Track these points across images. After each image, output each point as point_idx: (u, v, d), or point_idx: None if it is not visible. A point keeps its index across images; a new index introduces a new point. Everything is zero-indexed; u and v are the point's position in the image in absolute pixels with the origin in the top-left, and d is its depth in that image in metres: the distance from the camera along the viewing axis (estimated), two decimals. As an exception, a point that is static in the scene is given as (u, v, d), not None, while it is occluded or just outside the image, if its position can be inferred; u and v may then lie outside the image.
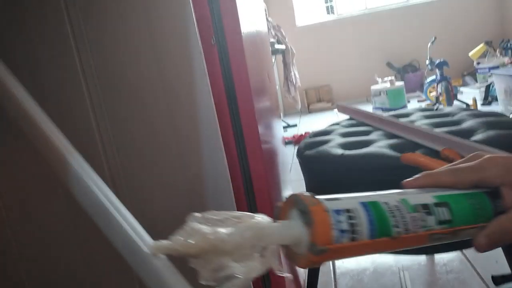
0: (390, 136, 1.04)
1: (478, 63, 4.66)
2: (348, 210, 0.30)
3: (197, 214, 0.31)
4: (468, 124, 1.01)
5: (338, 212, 0.30)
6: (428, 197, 0.35)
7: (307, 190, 1.13)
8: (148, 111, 0.78)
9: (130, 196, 0.79)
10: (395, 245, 0.32)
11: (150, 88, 0.77)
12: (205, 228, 0.29)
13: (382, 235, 0.31)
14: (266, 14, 3.66)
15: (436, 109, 1.25)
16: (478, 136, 0.91)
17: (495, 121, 0.98)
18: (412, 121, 1.14)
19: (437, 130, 0.98)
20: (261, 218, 0.31)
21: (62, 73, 0.76)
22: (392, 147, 0.95)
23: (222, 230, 0.29)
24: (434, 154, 0.86)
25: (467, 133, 0.94)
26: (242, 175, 0.88)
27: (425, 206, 0.33)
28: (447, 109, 1.22)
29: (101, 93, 0.76)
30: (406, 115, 1.24)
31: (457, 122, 1.06)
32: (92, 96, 0.76)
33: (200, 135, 0.78)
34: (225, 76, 0.83)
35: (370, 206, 0.31)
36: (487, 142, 0.86)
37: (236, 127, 0.87)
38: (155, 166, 0.79)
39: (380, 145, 0.96)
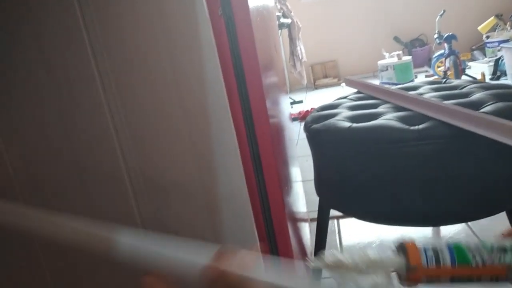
0: (398, 108, 1.03)
1: (488, 37, 4.58)
2: (434, 246, 0.43)
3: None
4: (477, 96, 1.01)
5: (427, 246, 0.43)
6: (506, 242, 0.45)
7: (314, 164, 1.14)
8: (156, 84, 0.77)
9: (144, 178, 0.81)
10: (474, 271, 0.42)
11: (157, 58, 0.77)
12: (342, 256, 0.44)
13: (461, 263, 0.42)
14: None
15: (445, 82, 1.24)
16: (487, 108, 0.90)
17: (504, 93, 0.98)
18: (421, 94, 1.13)
19: (446, 102, 0.97)
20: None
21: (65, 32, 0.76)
22: (400, 119, 0.95)
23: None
24: (443, 125, 0.86)
25: (476, 105, 0.93)
26: (251, 152, 0.88)
27: (502, 247, 0.43)
28: (456, 82, 1.21)
29: (108, 60, 0.76)
30: (414, 88, 1.23)
31: (466, 95, 1.05)
32: (98, 62, 0.76)
33: (209, 112, 0.78)
34: (232, 47, 0.82)
35: (452, 245, 0.44)
36: (496, 113, 0.86)
37: (244, 102, 0.86)
38: (160, 129, 0.80)
39: (388, 118, 0.96)
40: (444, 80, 1.26)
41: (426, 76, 4.70)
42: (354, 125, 0.96)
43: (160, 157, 0.81)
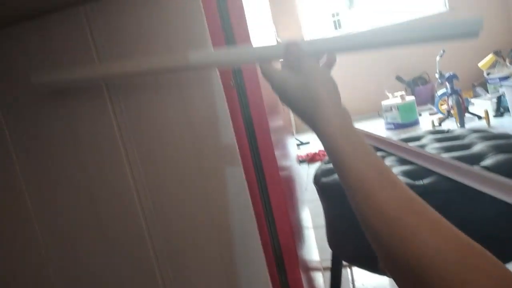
0: (402, 162, 1.08)
1: (488, 74, 4.67)
2: None
3: None
4: (478, 147, 1.05)
5: None
6: None
7: (325, 216, 1.18)
8: (175, 150, 0.83)
9: (162, 227, 0.85)
10: None
11: (177, 128, 0.83)
12: None
13: None
14: (275, 35, 3.74)
15: (447, 132, 1.29)
16: (488, 161, 0.94)
17: (504, 144, 1.02)
18: (423, 145, 1.18)
19: (447, 155, 1.02)
20: None
21: (95, 116, 0.83)
22: (406, 174, 0.99)
23: None
24: (448, 179, 0.90)
25: (477, 158, 0.98)
26: (263, 206, 0.92)
27: None
28: (458, 131, 1.26)
29: (132, 135, 0.83)
30: (417, 138, 1.28)
31: (468, 146, 1.10)
32: (124, 138, 0.83)
33: (224, 171, 0.83)
34: (245, 114, 0.89)
35: None
36: (496, 166, 0.90)
37: (255, 157, 0.92)
38: (181, 196, 0.85)
39: (394, 172, 1.00)
40: (447, 129, 1.31)
41: (430, 114, 4.76)
42: (362, 180, 1.00)
43: (179, 220, 0.86)
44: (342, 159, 0.44)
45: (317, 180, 1.15)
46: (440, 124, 4.13)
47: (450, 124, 4.08)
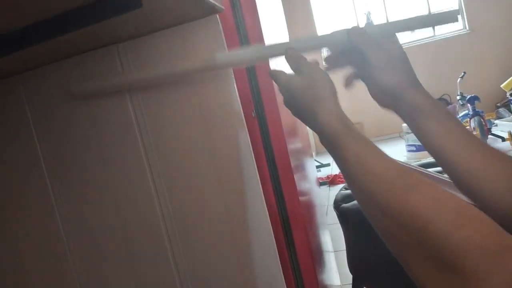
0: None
1: (511, 95, 4.62)
2: None
3: None
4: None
5: None
6: None
7: (346, 241, 1.19)
8: (199, 175, 0.87)
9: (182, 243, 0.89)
10: None
11: (200, 154, 0.87)
12: None
13: None
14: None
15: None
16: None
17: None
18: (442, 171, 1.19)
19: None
20: None
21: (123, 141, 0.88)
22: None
23: None
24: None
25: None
26: (283, 229, 0.95)
27: None
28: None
29: (158, 162, 0.87)
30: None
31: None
32: (151, 165, 0.87)
33: (245, 196, 0.86)
34: (265, 142, 0.92)
35: None
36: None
37: (275, 182, 0.95)
38: (200, 216, 0.88)
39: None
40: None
41: (453, 136, 4.70)
42: (381, 206, 1.02)
43: (200, 234, 0.89)
44: (341, 140, 0.50)
45: (337, 206, 1.17)
46: (462, 146, 4.07)
47: (473, 146, 4.02)
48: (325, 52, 0.72)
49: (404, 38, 5.86)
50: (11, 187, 0.95)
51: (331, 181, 3.94)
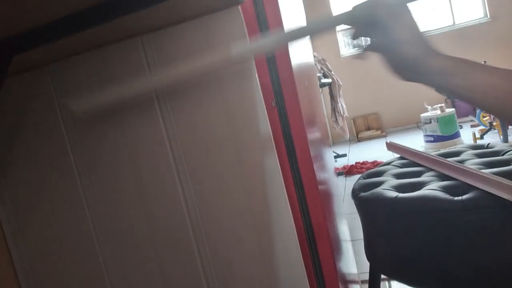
0: (442, 177, 1.09)
1: (534, 84, 4.51)
2: None
3: None
4: (519, 163, 1.05)
5: None
6: None
7: (364, 230, 1.20)
8: (222, 163, 0.90)
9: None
10: None
11: (223, 144, 0.89)
12: None
13: None
14: (312, 50, 3.79)
15: (487, 147, 1.29)
16: (529, 178, 0.94)
17: (546, 160, 1.02)
18: (463, 160, 1.18)
19: (487, 170, 1.03)
20: None
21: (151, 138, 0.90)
22: (444, 189, 1.00)
23: None
24: (487, 195, 0.91)
25: (518, 174, 0.98)
26: (303, 221, 0.97)
27: None
28: (498, 147, 1.26)
29: (182, 152, 0.90)
30: (457, 153, 1.29)
31: (507, 162, 1.10)
32: (176, 158, 0.90)
33: (266, 185, 0.88)
34: (285, 132, 0.94)
35: None
36: (537, 183, 0.90)
37: (295, 174, 0.96)
38: (224, 204, 0.91)
39: (432, 187, 1.02)
40: (487, 144, 1.31)
41: (472, 126, 4.64)
42: (400, 195, 1.02)
43: (224, 229, 0.92)
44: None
45: (355, 195, 1.18)
46: (482, 137, 4.01)
47: (493, 137, 3.96)
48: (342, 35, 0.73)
49: (424, 26, 5.76)
50: (42, 178, 0.99)
51: (347, 171, 3.95)
